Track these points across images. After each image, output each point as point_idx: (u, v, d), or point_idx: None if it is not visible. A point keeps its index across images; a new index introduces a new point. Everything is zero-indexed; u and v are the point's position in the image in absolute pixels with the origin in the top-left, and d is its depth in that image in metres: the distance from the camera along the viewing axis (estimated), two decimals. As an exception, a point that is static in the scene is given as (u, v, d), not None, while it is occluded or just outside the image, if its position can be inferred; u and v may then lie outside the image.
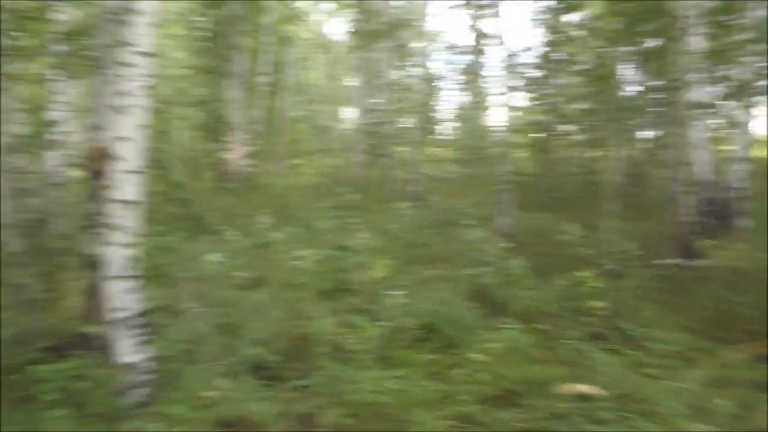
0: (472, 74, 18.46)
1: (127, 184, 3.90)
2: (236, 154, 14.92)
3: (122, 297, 3.89)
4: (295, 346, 4.73)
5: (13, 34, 5.23)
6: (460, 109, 21.87)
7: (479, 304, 5.76)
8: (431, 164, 16.67)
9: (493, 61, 17.54)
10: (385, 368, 4.45)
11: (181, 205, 9.61)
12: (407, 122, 16.06)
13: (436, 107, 20.71)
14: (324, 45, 25.28)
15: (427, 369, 4.55)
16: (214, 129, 15.12)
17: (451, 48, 18.20)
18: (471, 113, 19.85)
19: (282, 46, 18.20)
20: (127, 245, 3.90)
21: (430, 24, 19.64)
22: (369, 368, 4.40)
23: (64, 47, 6.12)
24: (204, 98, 15.53)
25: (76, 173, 6.76)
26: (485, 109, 18.66)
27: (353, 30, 18.35)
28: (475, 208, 9.89)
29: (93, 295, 4.65)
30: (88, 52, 5.11)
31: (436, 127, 20.27)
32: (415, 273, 6.89)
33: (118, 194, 3.88)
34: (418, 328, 5.09)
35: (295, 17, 18.95)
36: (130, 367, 3.88)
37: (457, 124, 22.21)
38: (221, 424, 3.76)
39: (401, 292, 5.64)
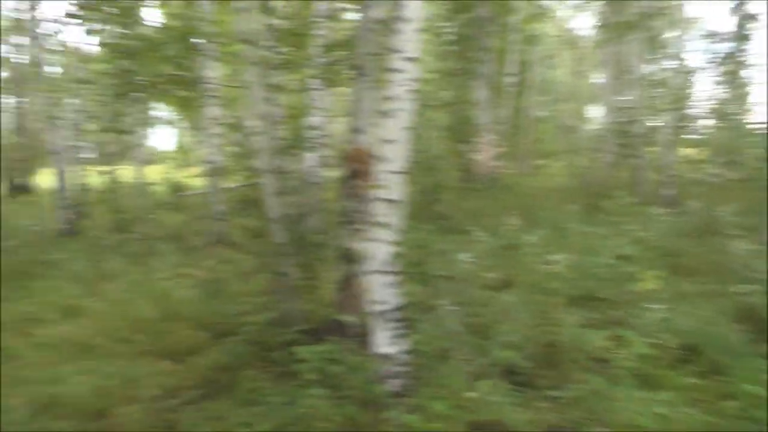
0: (734, 64, 16.58)
1: (391, 184, 4.01)
2: (485, 155, 15.01)
3: (382, 290, 4.02)
4: (546, 353, 4.53)
5: (281, 49, 5.74)
6: (719, 104, 19.79)
7: (747, 327, 5.04)
8: (687, 166, 15.25)
9: (759, 48, 15.58)
10: (645, 388, 4.06)
11: (432, 205, 9.89)
12: (659, 120, 14.87)
13: (692, 103, 18.94)
14: (570, 41, 24.50)
15: (692, 395, 4.06)
16: (461, 130, 15.35)
17: (710, 36, 16.45)
18: (732, 109, 17.88)
19: (528, 44, 17.99)
20: (390, 242, 4.03)
21: (686, 10, 17.99)
22: (628, 386, 4.05)
23: (324, 59, 6.58)
24: (450, 100, 15.83)
25: (332, 173, 7.26)
26: (749, 103, 16.69)
27: (601, 23, 17.46)
28: (739, 216, 8.81)
29: (347, 286, 4.93)
30: (348, 62, 5.43)
31: (692, 125, 18.57)
32: (674, 285, 6.26)
33: (382, 193, 4.01)
34: (678, 348, 4.60)
35: (542, 15, 18.59)
36: (386, 357, 4.01)
37: (716, 122, 20.12)
38: (474, 426, 3.71)
39: (662, 306, 5.16)
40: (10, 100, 22.65)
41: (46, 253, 9.12)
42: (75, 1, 9.04)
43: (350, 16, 6.90)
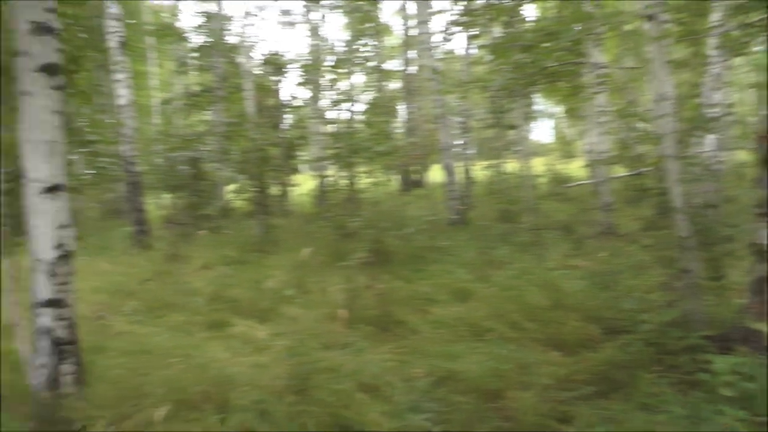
0: None
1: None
2: None
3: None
4: None
5: (681, 20, 5.21)
6: None
7: None
8: None
9: None
10: None
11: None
12: None
13: None
14: None
15: None
16: None
17: None
18: None
19: None
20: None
21: None
22: None
23: (729, 24, 5.81)
24: None
25: (738, 156, 6.43)
26: None
27: None
28: None
29: (761, 289, 4.31)
30: (763, 24, 4.72)
31: None
32: None
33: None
34: None
35: None
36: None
37: None
38: None
39: None
40: (403, 107, 25.51)
41: (438, 240, 9.89)
42: (458, 11, 9.71)
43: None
